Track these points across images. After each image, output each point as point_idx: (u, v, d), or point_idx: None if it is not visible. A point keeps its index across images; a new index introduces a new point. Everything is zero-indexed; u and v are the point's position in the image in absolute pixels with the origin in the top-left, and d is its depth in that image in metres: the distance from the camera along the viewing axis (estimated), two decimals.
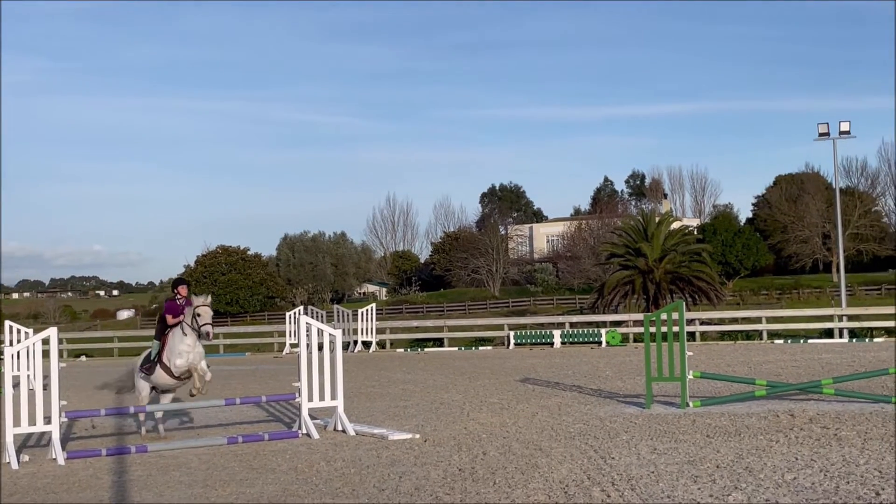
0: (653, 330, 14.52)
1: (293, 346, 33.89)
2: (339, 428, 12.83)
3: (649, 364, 14.20)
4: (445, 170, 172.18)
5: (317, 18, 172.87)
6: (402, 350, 34.71)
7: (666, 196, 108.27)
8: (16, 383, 17.20)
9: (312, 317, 22.98)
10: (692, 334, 32.30)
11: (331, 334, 13.53)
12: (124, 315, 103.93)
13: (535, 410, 14.33)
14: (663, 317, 14.40)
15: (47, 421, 11.46)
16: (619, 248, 43.23)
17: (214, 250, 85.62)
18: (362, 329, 34.84)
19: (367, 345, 34.91)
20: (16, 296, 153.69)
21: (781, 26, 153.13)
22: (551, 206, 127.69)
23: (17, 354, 18.98)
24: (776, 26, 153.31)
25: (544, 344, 33.59)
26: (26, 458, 11.42)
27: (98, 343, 42.64)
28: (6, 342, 23.49)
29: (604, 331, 33.37)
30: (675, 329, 14.09)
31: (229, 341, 40.43)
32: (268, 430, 13.23)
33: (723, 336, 34.50)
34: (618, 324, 36.34)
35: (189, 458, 11.13)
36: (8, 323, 24.46)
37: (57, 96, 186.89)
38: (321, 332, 13.50)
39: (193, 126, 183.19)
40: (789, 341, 31.06)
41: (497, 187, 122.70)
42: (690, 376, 14.25)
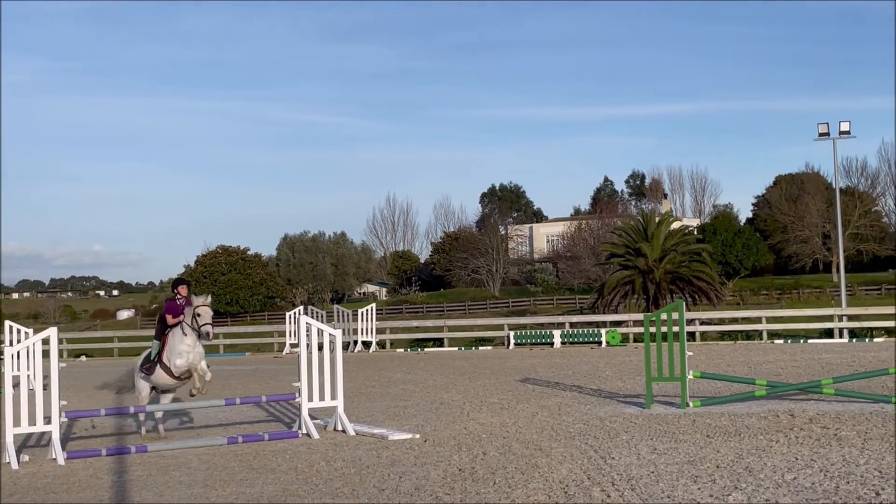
0: (653, 330, 14.52)
1: (293, 346, 33.88)
2: (339, 428, 12.83)
3: (649, 364, 14.20)
4: (445, 170, 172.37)
5: (317, 18, 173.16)
6: (402, 350, 34.70)
7: (666, 196, 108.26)
8: (16, 383, 17.19)
9: (312, 317, 22.96)
10: (692, 334, 32.30)
11: (331, 334, 13.53)
12: (124, 315, 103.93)
13: (535, 410, 14.33)
14: (663, 317, 14.40)
15: (47, 421, 11.46)
16: (619, 248, 43.23)
17: (214, 250, 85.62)
18: (362, 329, 34.83)
19: (367, 345, 34.91)
20: (16, 296, 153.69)
21: (781, 26, 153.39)
22: (551, 206, 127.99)
23: (17, 354, 18.99)
24: (776, 26, 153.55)
25: (544, 344, 33.59)
26: (26, 458, 11.42)
27: (98, 343, 42.63)
28: (6, 342, 23.48)
29: (604, 331, 33.36)
30: (675, 329, 14.09)
31: (229, 341, 40.42)
32: (268, 430, 13.22)
33: (723, 336, 34.50)
34: (618, 324, 36.34)
35: (189, 458, 11.13)
36: (8, 323, 24.46)
37: (57, 96, 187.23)
38: (321, 332, 13.50)
39: (193, 126, 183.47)
40: (789, 341, 31.05)
41: (497, 187, 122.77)
42: (690, 376, 14.25)
